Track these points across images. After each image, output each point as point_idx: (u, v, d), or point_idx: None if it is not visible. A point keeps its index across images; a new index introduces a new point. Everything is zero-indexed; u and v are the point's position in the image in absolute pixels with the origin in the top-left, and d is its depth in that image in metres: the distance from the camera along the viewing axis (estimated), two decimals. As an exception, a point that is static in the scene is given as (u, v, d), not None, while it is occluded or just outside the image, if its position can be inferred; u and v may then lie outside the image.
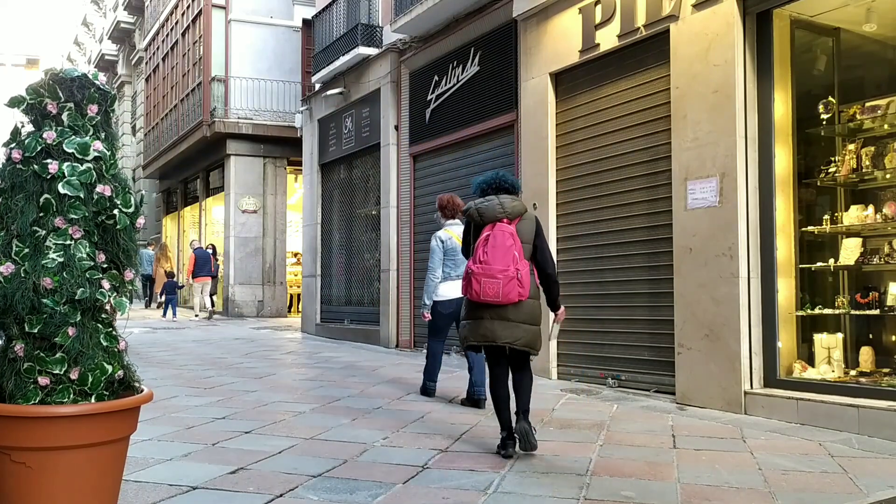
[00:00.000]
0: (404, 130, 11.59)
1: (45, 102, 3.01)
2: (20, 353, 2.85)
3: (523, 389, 4.75)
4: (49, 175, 2.90)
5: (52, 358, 2.84)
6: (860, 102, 6.27)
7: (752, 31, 6.19)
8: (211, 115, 18.38)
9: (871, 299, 5.93)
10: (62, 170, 2.91)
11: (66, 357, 2.85)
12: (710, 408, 6.11)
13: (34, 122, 3.04)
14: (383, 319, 11.64)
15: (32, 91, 3.03)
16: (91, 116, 3.07)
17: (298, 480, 4.01)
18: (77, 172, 2.93)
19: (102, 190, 2.95)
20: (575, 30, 7.75)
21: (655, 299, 6.92)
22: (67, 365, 2.85)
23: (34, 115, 3.03)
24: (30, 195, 2.90)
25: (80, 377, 2.88)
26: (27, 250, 2.87)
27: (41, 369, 2.83)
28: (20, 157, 2.94)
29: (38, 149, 2.94)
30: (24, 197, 2.89)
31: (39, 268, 2.83)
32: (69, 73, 3.08)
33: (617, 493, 3.85)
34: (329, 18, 13.57)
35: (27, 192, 2.90)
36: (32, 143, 2.94)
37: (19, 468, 2.77)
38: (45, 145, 2.94)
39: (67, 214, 2.91)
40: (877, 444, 4.90)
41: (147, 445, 4.68)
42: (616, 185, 7.40)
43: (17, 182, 2.92)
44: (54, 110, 3.00)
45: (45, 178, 2.90)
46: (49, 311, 2.81)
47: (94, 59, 33.52)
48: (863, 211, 6.09)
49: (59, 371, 2.84)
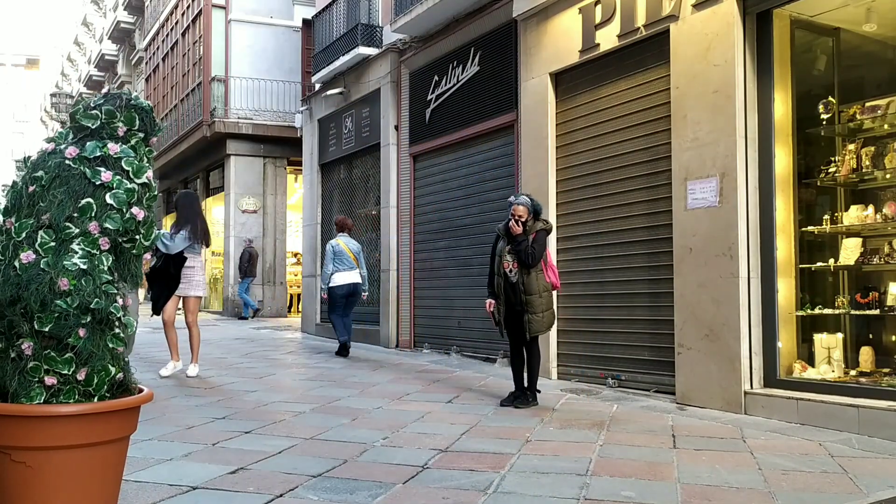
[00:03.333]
0: (404, 130, 11.58)
1: (116, 126, 3.09)
2: (28, 351, 2.84)
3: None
4: (100, 181, 2.94)
5: (62, 358, 2.85)
6: (860, 102, 6.27)
7: (752, 31, 6.19)
8: (211, 115, 18.39)
9: (871, 299, 5.93)
10: (114, 181, 2.96)
11: (75, 358, 2.86)
12: (710, 408, 6.11)
13: (93, 134, 3.08)
14: (383, 319, 11.64)
15: (108, 112, 3.09)
16: (150, 149, 3.22)
17: (298, 480, 4.01)
18: (125, 188, 2.98)
19: (137, 213, 3.00)
20: (575, 30, 7.75)
21: (655, 299, 6.92)
22: (75, 366, 2.86)
23: (102, 133, 3.08)
24: (72, 191, 2.92)
25: (87, 378, 2.88)
26: (53, 244, 2.87)
27: (49, 369, 2.83)
28: (75, 155, 2.97)
29: (97, 154, 2.99)
30: (65, 191, 2.92)
31: (60, 266, 2.83)
32: (139, 101, 3.18)
33: (617, 493, 3.85)
34: (329, 18, 13.57)
35: (70, 188, 2.92)
36: (93, 148, 3.00)
37: (19, 468, 2.77)
38: (106, 154, 2.99)
39: (103, 223, 2.94)
40: (877, 444, 4.90)
41: (147, 445, 4.68)
42: (616, 185, 7.40)
43: (61, 175, 2.94)
44: (122, 134, 3.09)
45: (94, 184, 2.94)
46: (61, 311, 2.81)
47: (94, 59, 33.53)
48: (863, 211, 6.09)
49: (68, 371, 2.85)
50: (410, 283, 11.34)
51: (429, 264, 11.03)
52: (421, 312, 11.20)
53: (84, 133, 3.08)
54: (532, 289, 6.22)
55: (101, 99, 3.13)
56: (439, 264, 10.76)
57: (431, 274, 10.96)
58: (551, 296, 6.36)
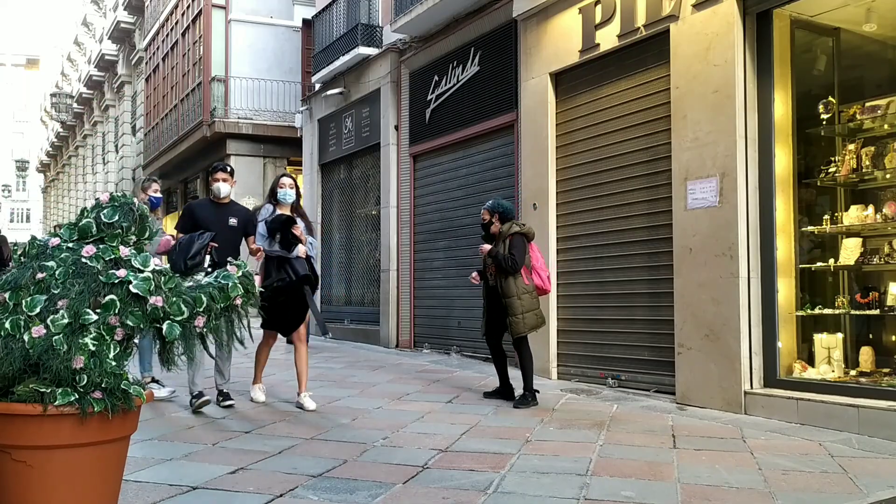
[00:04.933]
0: (404, 130, 11.59)
1: (130, 238, 3.28)
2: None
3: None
4: (116, 279, 3.05)
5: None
6: (860, 102, 6.27)
7: (752, 31, 6.19)
8: (211, 115, 18.38)
9: (871, 299, 5.93)
10: (129, 276, 3.07)
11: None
12: (710, 408, 6.11)
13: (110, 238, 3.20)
14: (383, 319, 11.64)
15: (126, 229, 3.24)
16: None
17: (298, 480, 4.01)
18: (140, 279, 3.08)
19: (155, 301, 3.08)
20: (575, 30, 7.75)
21: (655, 299, 6.92)
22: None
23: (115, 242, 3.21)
24: (89, 286, 3.02)
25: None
26: (65, 321, 2.92)
27: None
28: (92, 254, 3.10)
29: (112, 257, 3.13)
30: (83, 283, 3.02)
31: (76, 344, 2.88)
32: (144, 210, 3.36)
33: (617, 493, 3.85)
34: (329, 18, 13.57)
35: (87, 282, 3.02)
36: (107, 251, 3.13)
37: (20, 467, 2.77)
38: (118, 257, 3.14)
39: (124, 319, 3.01)
40: (877, 444, 4.90)
41: (147, 445, 4.68)
42: (616, 185, 7.40)
43: (77, 270, 3.05)
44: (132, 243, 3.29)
45: (110, 283, 3.04)
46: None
47: (94, 59, 33.51)
48: (863, 211, 6.09)
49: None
50: (410, 283, 11.34)
51: (429, 264, 11.03)
52: (421, 312, 11.20)
53: (92, 236, 3.21)
54: (509, 291, 6.32)
55: (109, 208, 3.25)
56: (439, 264, 10.76)
57: (431, 274, 10.96)
58: (534, 297, 6.40)
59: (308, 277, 6.09)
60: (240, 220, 6.28)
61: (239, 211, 6.45)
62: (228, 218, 6.20)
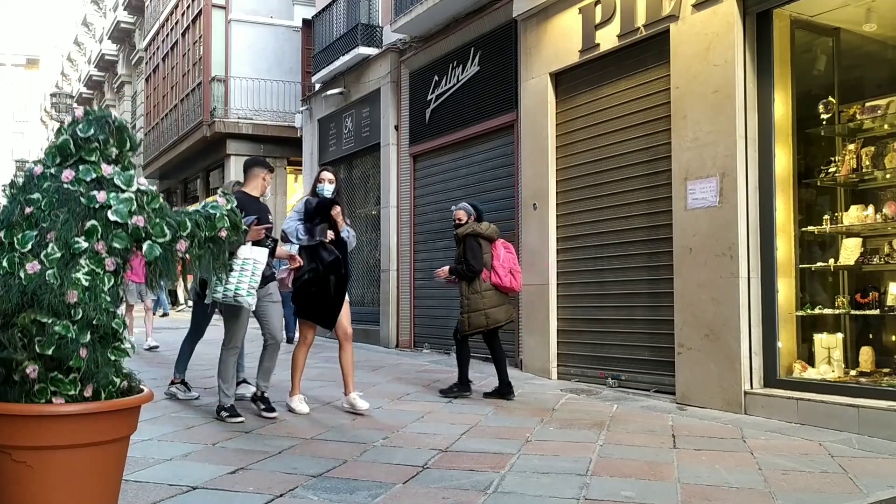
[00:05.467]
0: (404, 130, 11.59)
1: (111, 152, 3.16)
2: (33, 374, 2.85)
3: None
4: (97, 204, 2.98)
5: (69, 379, 2.88)
6: (860, 102, 6.27)
7: (752, 31, 6.19)
8: (211, 115, 18.38)
9: (871, 299, 5.93)
10: (109, 200, 3.00)
11: (79, 377, 2.89)
12: (710, 408, 6.11)
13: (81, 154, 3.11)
14: (383, 319, 11.64)
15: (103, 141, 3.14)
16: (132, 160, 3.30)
17: (298, 480, 4.01)
18: (120, 200, 3.02)
19: (136, 221, 3.03)
20: (575, 30, 7.75)
21: (655, 299, 6.92)
22: (81, 385, 2.89)
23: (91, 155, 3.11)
24: (73, 212, 2.97)
25: (94, 393, 2.92)
26: (58, 255, 2.90)
27: (55, 390, 2.86)
28: (71, 178, 3.02)
29: (92, 177, 3.05)
30: (68, 211, 2.97)
31: (68, 279, 2.86)
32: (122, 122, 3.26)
33: (617, 493, 3.85)
34: (329, 18, 13.57)
35: (71, 209, 2.97)
36: (87, 171, 3.04)
37: (20, 467, 2.77)
38: (101, 176, 3.06)
39: (111, 242, 2.97)
40: (877, 444, 4.90)
41: (147, 445, 4.68)
42: (616, 185, 7.40)
43: (60, 198, 2.99)
44: (115, 157, 3.18)
45: (93, 207, 2.99)
46: (61, 335, 2.84)
47: (94, 59, 33.53)
48: (863, 211, 6.09)
49: (74, 391, 2.88)
50: (410, 283, 11.34)
51: (429, 264, 11.02)
52: (421, 312, 11.20)
53: (72, 155, 3.11)
54: (460, 290, 6.72)
55: (84, 122, 3.15)
56: (439, 264, 10.72)
57: (431, 274, 10.95)
58: (485, 297, 6.57)
59: (334, 263, 5.76)
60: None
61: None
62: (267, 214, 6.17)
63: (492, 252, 6.66)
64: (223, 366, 5.68)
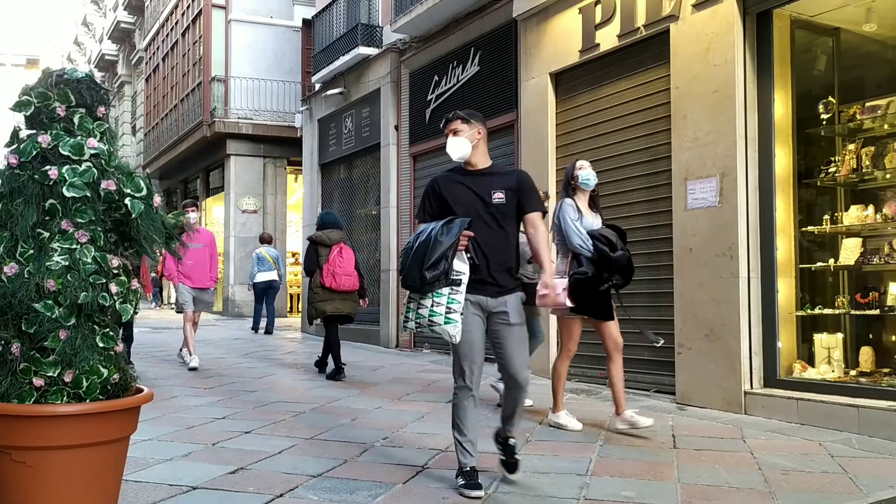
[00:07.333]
0: (404, 130, 11.58)
1: (53, 106, 2.99)
2: (16, 352, 2.85)
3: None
4: (51, 181, 2.89)
5: (47, 360, 2.84)
6: (860, 102, 6.27)
7: (752, 31, 6.18)
8: (211, 115, 18.38)
9: (871, 299, 5.93)
10: (63, 174, 2.90)
11: (60, 360, 2.85)
12: (710, 408, 6.11)
13: (40, 124, 3.01)
14: (383, 319, 11.64)
15: (40, 95, 3.01)
16: (99, 118, 3.10)
17: (298, 480, 4.01)
18: (78, 173, 2.92)
19: (107, 185, 2.94)
20: (575, 30, 7.75)
21: (655, 299, 6.92)
22: (61, 368, 2.85)
23: (41, 118, 3.00)
24: (29, 199, 2.90)
25: (75, 380, 2.86)
26: (32, 251, 2.87)
27: (36, 370, 2.83)
28: (17, 163, 2.93)
29: (35, 153, 2.93)
30: (23, 201, 2.90)
31: (44, 270, 2.83)
32: (74, 73, 3.07)
33: (617, 493, 3.85)
34: (329, 18, 13.57)
35: (26, 196, 2.90)
36: (28, 148, 2.93)
37: (19, 467, 2.77)
38: (41, 149, 2.93)
39: (74, 218, 2.92)
40: (877, 444, 4.90)
41: (147, 445, 4.67)
42: (616, 185, 7.39)
43: (14, 187, 2.92)
44: (63, 113, 3.00)
45: (47, 185, 2.90)
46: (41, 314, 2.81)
47: (94, 59, 33.53)
48: (863, 211, 6.08)
49: (53, 374, 2.84)
50: (410, 283, 11.31)
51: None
52: (421, 312, 11.17)
53: (16, 135, 3.01)
54: None
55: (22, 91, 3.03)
56: (439, 264, 10.74)
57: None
58: (313, 293, 7.96)
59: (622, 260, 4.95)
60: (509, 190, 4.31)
61: (507, 177, 4.51)
62: (491, 192, 4.31)
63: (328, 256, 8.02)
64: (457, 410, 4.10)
